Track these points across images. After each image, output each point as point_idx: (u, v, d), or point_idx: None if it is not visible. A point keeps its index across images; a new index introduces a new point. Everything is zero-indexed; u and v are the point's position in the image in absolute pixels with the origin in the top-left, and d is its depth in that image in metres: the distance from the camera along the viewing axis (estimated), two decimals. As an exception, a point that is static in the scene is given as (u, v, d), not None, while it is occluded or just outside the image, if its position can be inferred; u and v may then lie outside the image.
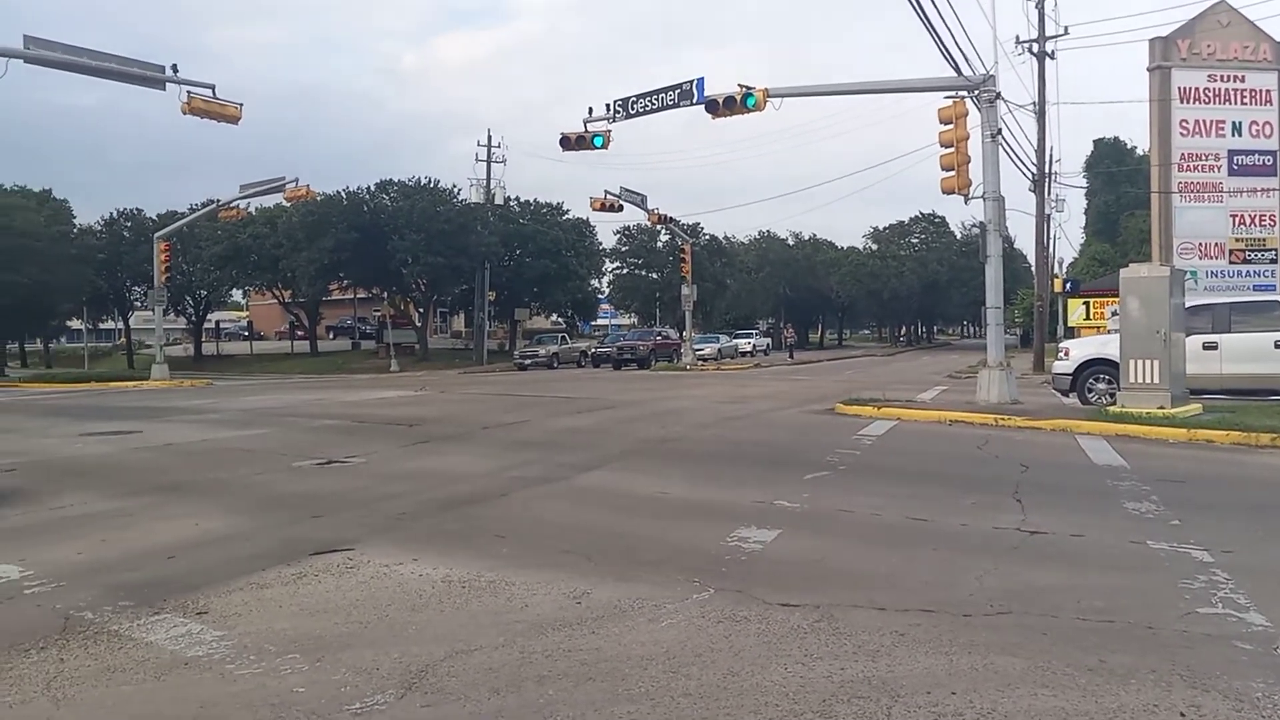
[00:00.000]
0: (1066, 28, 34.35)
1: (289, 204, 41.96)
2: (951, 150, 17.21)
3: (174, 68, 21.33)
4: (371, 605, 5.41)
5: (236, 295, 72.64)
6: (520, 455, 11.80)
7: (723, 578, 5.86)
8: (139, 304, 60.06)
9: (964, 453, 11.99)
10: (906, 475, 10.17)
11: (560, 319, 67.75)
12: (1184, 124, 34.54)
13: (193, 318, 63.51)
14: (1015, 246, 77.05)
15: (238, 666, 4.44)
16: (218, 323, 74.27)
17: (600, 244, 66.29)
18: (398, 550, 6.69)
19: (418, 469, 10.75)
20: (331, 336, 69.12)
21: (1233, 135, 34.42)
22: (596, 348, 48.59)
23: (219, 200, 40.14)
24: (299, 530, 7.50)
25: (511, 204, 56.26)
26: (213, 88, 22.74)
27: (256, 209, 48.86)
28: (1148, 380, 14.34)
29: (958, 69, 17.60)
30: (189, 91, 22.20)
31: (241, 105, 23.51)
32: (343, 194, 50.03)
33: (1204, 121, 34.56)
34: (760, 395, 22.81)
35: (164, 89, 22.11)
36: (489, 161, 53.32)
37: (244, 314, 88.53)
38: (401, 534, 7.32)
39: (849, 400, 18.24)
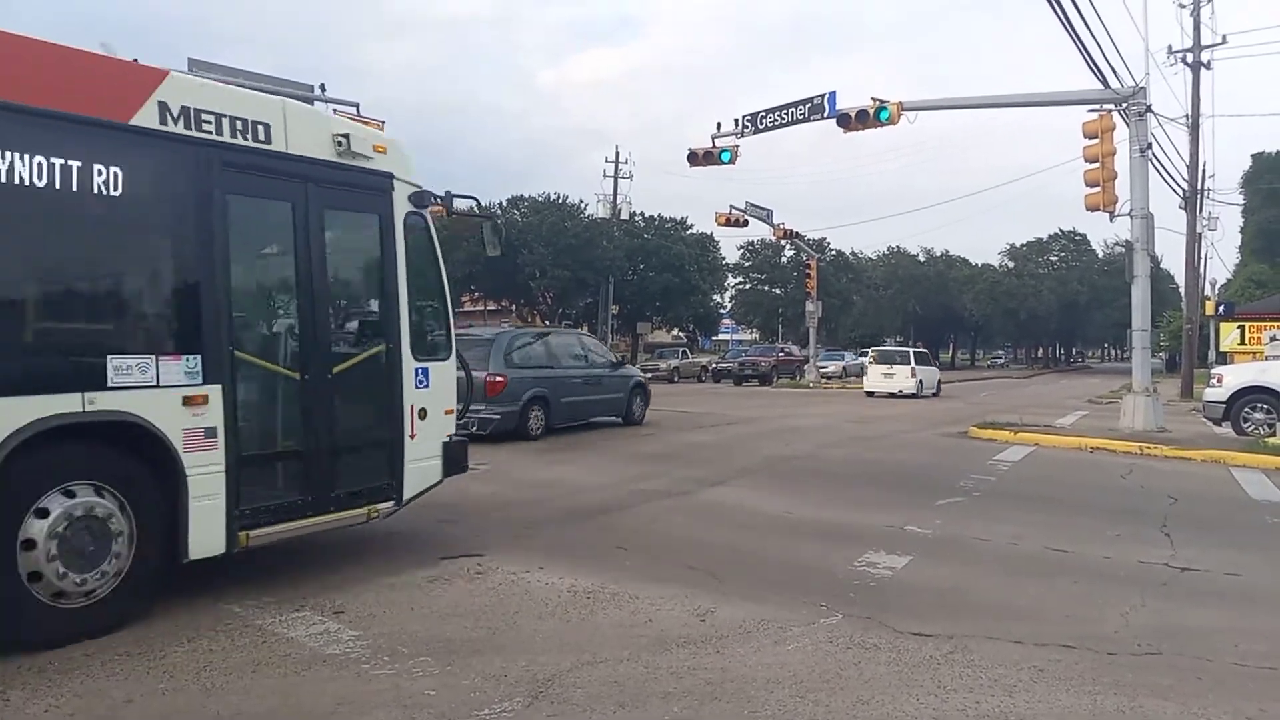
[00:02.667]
0: (1225, 36, 32.48)
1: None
2: (1096, 166, 16.47)
3: (321, 87, 22.33)
4: (500, 612, 5.50)
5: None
6: (643, 468, 11.83)
7: (851, 603, 5.73)
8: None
9: (1107, 482, 11.43)
10: (1045, 503, 9.76)
11: (681, 333, 67.83)
12: (1356, 136, 32.15)
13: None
14: (1162, 266, 73.29)
15: (373, 666, 4.57)
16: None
17: (723, 259, 66.17)
18: (525, 557, 6.79)
19: (543, 478, 10.90)
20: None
21: None
22: (717, 363, 48.35)
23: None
24: (433, 534, 7.69)
25: (637, 219, 56.75)
26: (357, 105, 23.67)
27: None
28: (1313, 410, 13.40)
29: (1104, 81, 16.84)
30: (335, 109, 23.29)
31: (384, 122, 24.47)
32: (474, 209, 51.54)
33: (1379, 133, 32.12)
34: (888, 415, 22.30)
35: (312, 106, 23.30)
36: (616, 177, 53.94)
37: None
38: (528, 541, 7.43)
39: (983, 424, 17.64)
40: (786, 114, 19.12)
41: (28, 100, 4.78)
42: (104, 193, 5.08)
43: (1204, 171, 33.22)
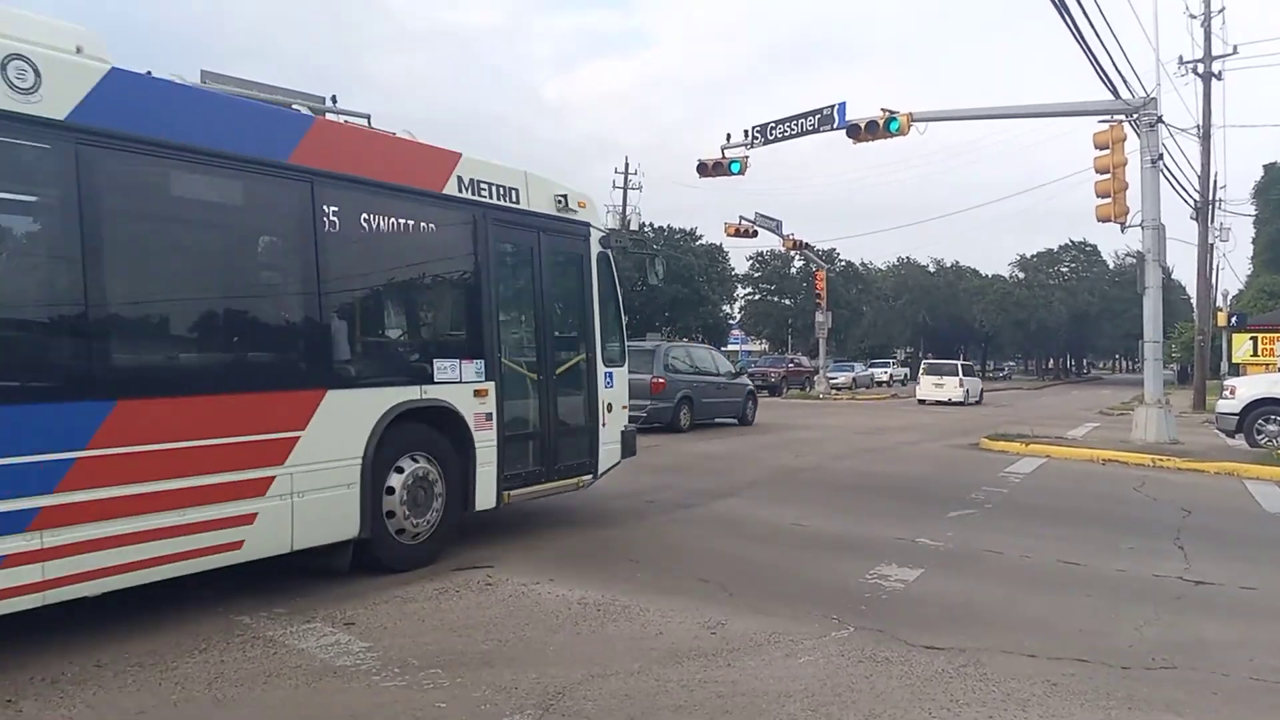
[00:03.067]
0: (1236, 47, 32.31)
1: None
2: (1107, 176, 16.42)
3: (333, 98, 22.54)
4: (510, 624, 5.49)
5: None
6: (653, 480, 11.81)
7: (862, 616, 5.71)
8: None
9: (1119, 494, 11.37)
10: (1058, 516, 9.71)
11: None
12: (1368, 147, 32.04)
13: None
14: (1174, 277, 73.03)
15: (383, 678, 4.57)
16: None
17: (733, 269, 66.20)
18: (535, 569, 6.78)
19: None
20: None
21: None
22: (728, 373, 48.36)
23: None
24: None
25: (646, 229, 56.85)
26: (368, 117, 23.90)
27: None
28: (1327, 423, 13.31)
29: (1115, 92, 16.80)
30: (347, 120, 23.47)
31: (394, 133, 24.67)
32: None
33: (1392, 144, 32.01)
34: (898, 427, 22.24)
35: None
36: (625, 188, 54.04)
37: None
38: (537, 553, 7.42)
39: (994, 435, 17.58)
40: (796, 125, 19.14)
41: (385, 179, 6.86)
42: (427, 243, 7.20)
43: (1215, 182, 33.05)
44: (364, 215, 6.64)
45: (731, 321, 74.77)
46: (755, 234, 36.18)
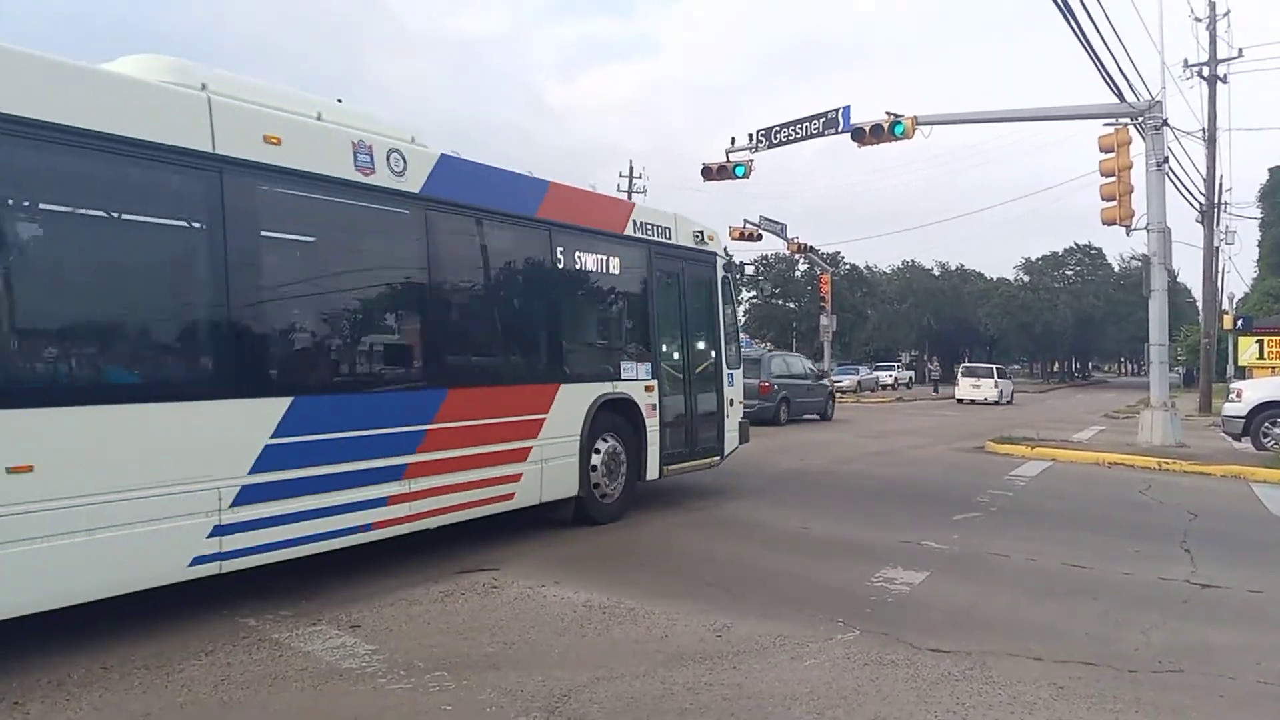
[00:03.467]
0: (1241, 50, 32.24)
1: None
2: (1113, 180, 16.40)
3: (339, 101, 22.67)
4: (515, 626, 5.49)
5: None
6: (658, 483, 11.80)
7: (868, 619, 5.70)
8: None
9: (1125, 497, 11.34)
10: (1063, 519, 9.69)
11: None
12: (1375, 150, 31.95)
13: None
14: (1179, 280, 72.90)
15: (389, 681, 4.57)
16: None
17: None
18: (540, 573, 6.78)
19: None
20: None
21: None
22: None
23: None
24: (447, 548, 7.69)
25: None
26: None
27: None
28: (1334, 426, 13.27)
29: (1120, 95, 16.78)
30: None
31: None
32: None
33: (1398, 147, 31.92)
34: (903, 430, 22.21)
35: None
36: (630, 192, 54.04)
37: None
38: (543, 556, 7.43)
39: (1000, 438, 17.55)
40: (801, 128, 19.11)
41: (591, 225, 9.08)
42: (615, 271, 9.41)
43: (1221, 185, 33.02)
44: (577, 253, 8.95)
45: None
46: (760, 237, 36.12)
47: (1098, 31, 21.33)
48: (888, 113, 17.76)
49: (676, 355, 10.32)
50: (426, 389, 7.10)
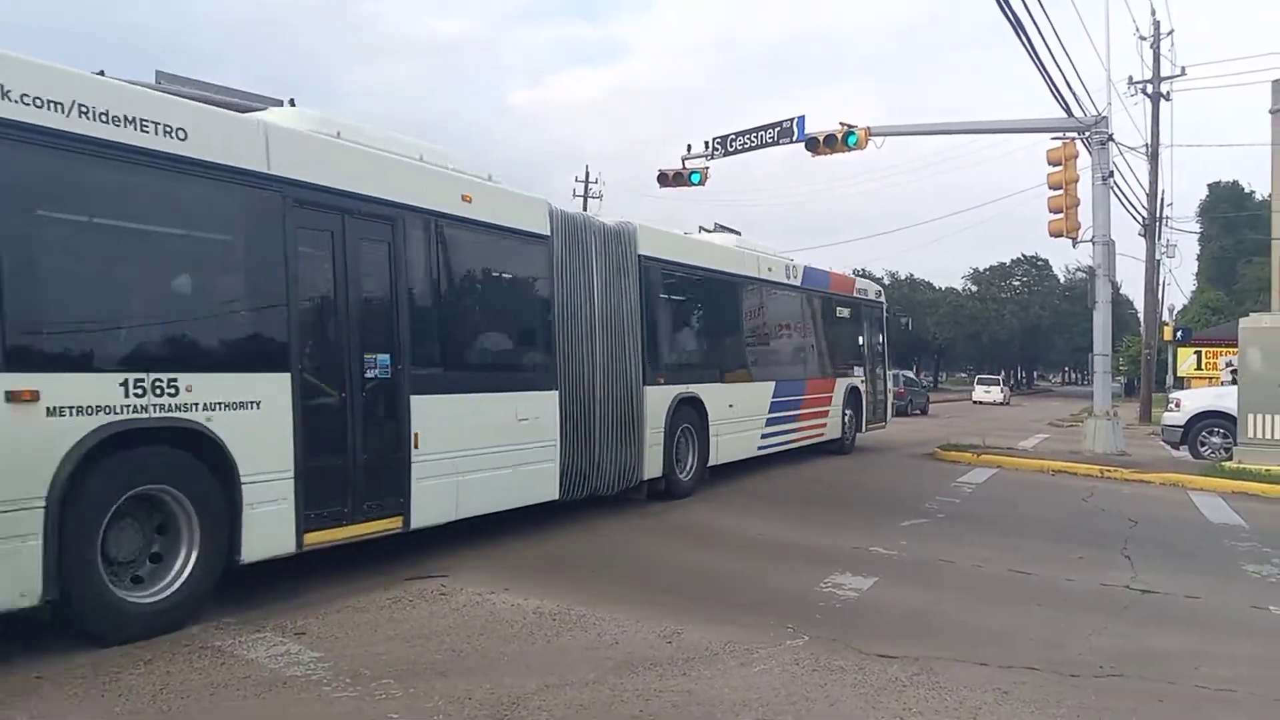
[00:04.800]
0: (1183, 68, 33.00)
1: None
2: (1060, 192, 16.71)
3: (291, 101, 22.32)
4: (464, 633, 5.44)
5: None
6: (625, 490, 11.78)
7: (817, 624, 5.73)
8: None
9: (1069, 504, 11.55)
10: (1009, 525, 9.84)
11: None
12: (1308, 168, 32.92)
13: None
14: (1122, 292, 74.59)
15: (334, 689, 4.50)
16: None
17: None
18: (490, 579, 6.73)
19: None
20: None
21: (1361, 180, 32.70)
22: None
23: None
24: (396, 554, 7.60)
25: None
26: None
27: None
28: (1268, 435, 13.68)
29: (1068, 110, 17.12)
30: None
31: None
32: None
33: (1330, 166, 32.91)
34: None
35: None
36: (585, 196, 53.94)
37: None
38: (493, 563, 7.36)
39: (948, 446, 17.78)
40: (756, 137, 19.23)
41: (841, 292, 17.26)
42: (848, 318, 17.31)
43: (1163, 200, 33.77)
44: (838, 307, 16.75)
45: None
46: (714, 244, 36.24)
47: (1048, 48, 21.79)
48: (841, 123, 17.94)
49: (869, 364, 18.02)
50: (802, 380, 14.97)
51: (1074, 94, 17.46)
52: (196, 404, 5.51)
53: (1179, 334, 39.52)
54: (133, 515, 5.30)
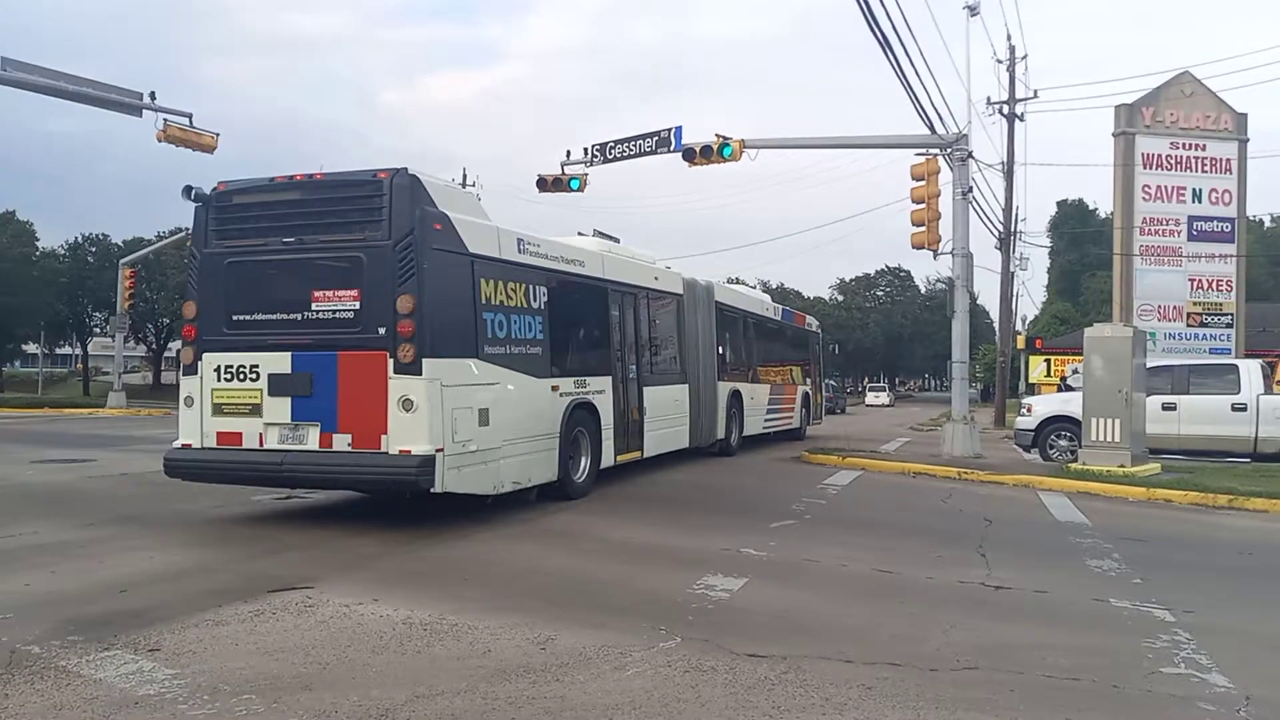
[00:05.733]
0: (1036, 91, 35.22)
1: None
2: (922, 206, 17.42)
3: (152, 95, 21.22)
4: (331, 646, 5.28)
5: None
6: (500, 498, 11.65)
7: (689, 626, 5.80)
8: (99, 330, 58.93)
9: (928, 505, 12.03)
10: (872, 526, 10.18)
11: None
12: (1146, 189, 35.33)
13: (154, 346, 62.66)
14: (979, 303, 78.30)
15: (190, 707, 4.30)
16: (178, 351, 73.09)
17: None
18: (358, 590, 6.55)
19: (378, 506, 10.58)
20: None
21: (1193, 202, 35.26)
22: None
23: (189, 229, 39.73)
24: (258, 566, 7.35)
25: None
26: (190, 116, 22.64)
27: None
28: (1109, 439, 14.50)
29: (931, 127, 17.88)
30: (165, 119, 22.06)
31: (218, 135, 23.40)
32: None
33: (1165, 187, 35.42)
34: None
35: (140, 115, 22.07)
36: (462, 200, 53.29)
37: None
38: (363, 573, 7.18)
39: (814, 449, 18.29)
40: (634, 145, 19.41)
41: (796, 325, 24.63)
42: (802, 344, 24.71)
43: (1017, 215, 35.70)
44: (798, 335, 24.31)
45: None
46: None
47: (914, 68, 22.73)
48: (717, 135, 18.29)
49: (814, 376, 24.80)
50: (783, 386, 21.41)
51: (937, 113, 18.30)
52: (590, 391, 11.80)
53: (1030, 343, 41.63)
54: (573, 440, 11.23)
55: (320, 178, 9.33)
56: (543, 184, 20.49)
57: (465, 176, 53.09)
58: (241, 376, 9.14)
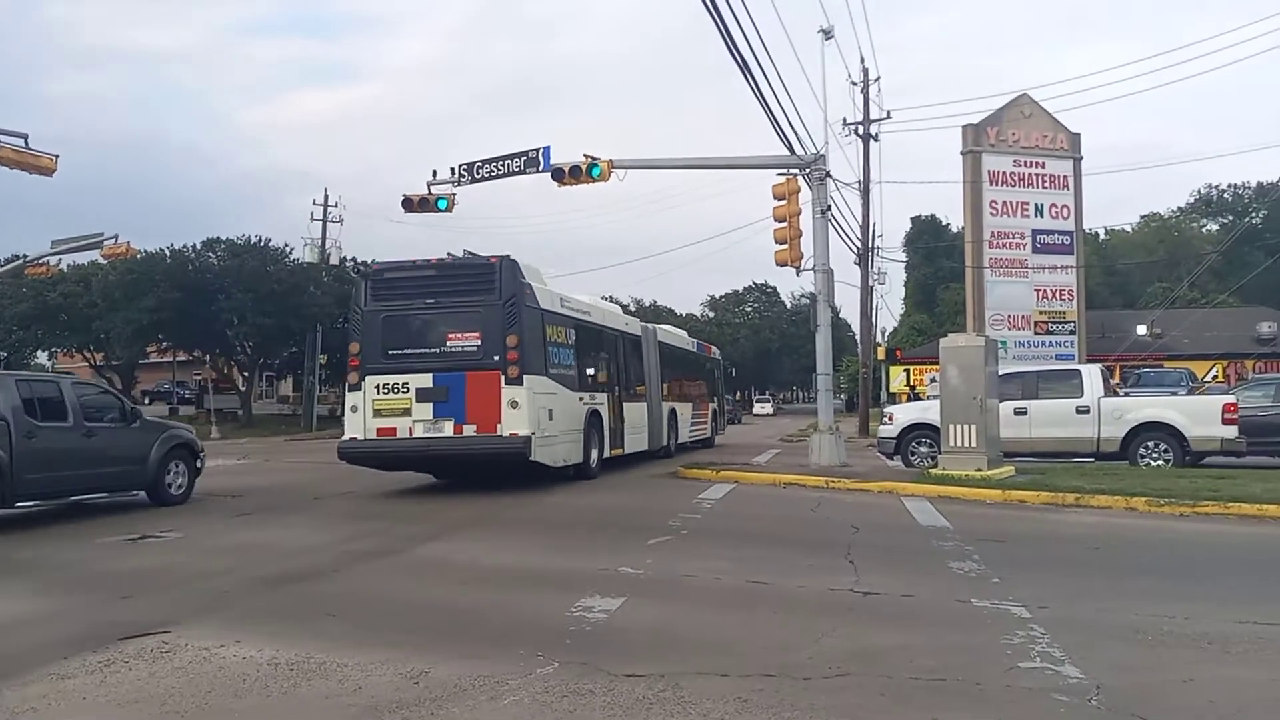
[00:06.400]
0: (890, 112, 36.74)
1: (106, 261, 39.70)
2: (784, 225, 17.86)
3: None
4: (190, 693, 5.01)
5: (42, 357, 67.17)
6: (355, 527, 11.33)
7: (567, 650, 5.75)
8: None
9: (799, 515, 12.30)
10: (746, 538, 10.33)
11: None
12: (994, 204, 37.32)
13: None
14: (841, 316, 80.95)
15: (32, 770, 4.00)
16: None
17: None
18: (219, 632, 6.24)
19: (242, 543, 10.15)
20: (148, 401, 64.54)
21: (1036, 216, 37.47)
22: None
23: (26, 256, 37.44)
24: (107, 613, 6.92)
25: (347, 264, 54.79)
26: (25, 137, 21.41)
27: (69, 266, 45.72)
28: (966, 444, 15.12)
29: (791, 148, 18.39)
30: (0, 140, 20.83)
31: (57, 156, 22.19)
32: (166, 252, 47.28)
33: (1011, 203, 37.49)
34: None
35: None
36: (325, 221, 52.05)
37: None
38: (223, 614, 6.86)
39: (689, 464, 18.48)
40: (503, 165, 19.27)
41: (697, 353, 29.17)
42: (703, 368, 29.47)
43: (874, 231, 37.07)
44: (696, 362, 27.94)
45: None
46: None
47: (772, 90, 23.23)
48: (585, 155, 18.34)
49: (719, 395, 30.46)
50: (699, 401, 27.13)
51: (796, 134, 18.79)
52: (598, 403, 16.97)
53: (890, 354, 43.26)
54: (590, 435, 16.13)
55: (449, 260, 14.87)
56: (409, 204, 20.11)
57: (327, 197, 52.02)
58: (395, 390, 13.86)
